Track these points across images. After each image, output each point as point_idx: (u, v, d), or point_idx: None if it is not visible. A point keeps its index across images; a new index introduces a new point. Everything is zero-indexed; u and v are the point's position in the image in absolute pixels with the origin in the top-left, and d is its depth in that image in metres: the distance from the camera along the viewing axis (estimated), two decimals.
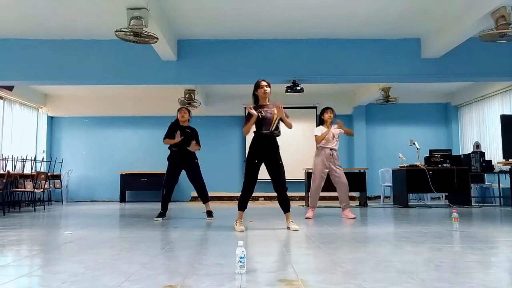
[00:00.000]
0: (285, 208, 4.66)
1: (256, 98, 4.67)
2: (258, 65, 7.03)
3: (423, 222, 5.22)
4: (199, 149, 5.75)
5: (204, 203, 5.84)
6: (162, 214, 5.70)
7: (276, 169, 4.51)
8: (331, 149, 5.88)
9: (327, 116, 5.90)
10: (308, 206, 8.28)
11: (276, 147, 4.59)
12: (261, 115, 4.48)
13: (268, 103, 4.65)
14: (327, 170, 5.93)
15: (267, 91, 4.60)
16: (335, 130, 5.92)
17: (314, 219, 5.71)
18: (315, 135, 5.90)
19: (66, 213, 7.25)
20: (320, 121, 6.03)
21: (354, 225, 5.05)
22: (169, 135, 5.70)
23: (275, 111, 4.52)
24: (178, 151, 5.64)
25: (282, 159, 4.57)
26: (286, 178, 4.63)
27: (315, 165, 5.96)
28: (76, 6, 5.73)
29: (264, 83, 4.65)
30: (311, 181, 6.02)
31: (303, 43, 7.06)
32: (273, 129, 4.52)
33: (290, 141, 10.70)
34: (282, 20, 6.30)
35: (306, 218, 5.70)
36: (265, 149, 4.51)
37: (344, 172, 8.50)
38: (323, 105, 10.94)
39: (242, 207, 4.60)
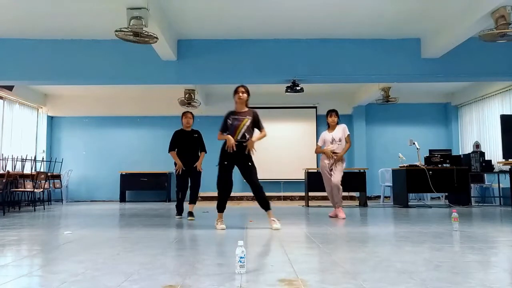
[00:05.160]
0: (265, 206, 4.61)
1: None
2: (258, 65, 7.03)
3: (423, 222, 5.22)
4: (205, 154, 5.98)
5: (191, 203, 5.85)
6: (180, 214, 5.90)
7: (246, 170, 4.55)
8: (333, 153, 5.88)
9: (330, 120, 5.95)
10: (307, 206, 8.30)
11: (244, 152, 4.55)
12: (228, 122, 4.56)
13: (244, 110, 4.66)
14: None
15: (241, 97, 4.60)
16: (337, 133, 5.91)
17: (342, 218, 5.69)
18: (317, 144, 6.24)
19: (66, 213, 7.25)
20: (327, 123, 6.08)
21: (354, 225, 5.05)
22: (175, 145, 5.84)
23: (245, 121, 4.55)
24: (184, 157, 5.81)
25: (253, 161, 4.61)
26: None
27: (321, 167, 6.05)
28: (76, 6, 5.72)
29: (241, 89, 4.64)
30: (324, 184, 6.04)
31: (303, 43, 7.06)
32: (239, 137, 4.52)
33: (290, 141, 10.73)
34: (282, 20, 6.30)
35: (343, 218, 5.60)
36: (233, 154, 4.50)
37: (344, 172, 8.59)
38: (323, 105, 11.08)
39: (221, 208, 4.64)
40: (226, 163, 4.54)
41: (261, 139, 4.66)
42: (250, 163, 4.56)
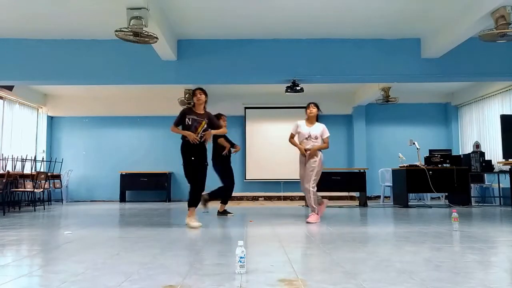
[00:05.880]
0: (193, 203, 4.89)
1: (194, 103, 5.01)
2: (258, 65, 7.02)
3: (423, 222, 5.22)
4: None
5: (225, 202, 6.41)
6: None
7: (200, 168, 4.85)
8: (306, 150, 5.39)
9: (308, 111, 5.51)
10: (307, 206, 8.29)
11: (202, 151, 4.88)
12: (188, 122, 4.82)
13: (201, 112, 4.95)
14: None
15: (199, 99, 4.91)
16: (315, 130, 5.44)
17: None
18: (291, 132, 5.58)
19: (66, 213, 7.25)
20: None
21: (354, 225, 5.05)
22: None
23: (203, 123, 4.84)
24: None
25: (207, 161, 4.95)
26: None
27: (299, 161, 5.55)
28: (76, 6, 5.72)
29: (198, 91, 4.96)
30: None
31: (303, 43, 7.06)
32: (198, 136, 4.79)
33: None
34: (282, 20, 6.30)
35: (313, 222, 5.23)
36: (193, 152, 4.82)
37: (344, 172, 8.61)
38: (323, 105, 10.91)
39: (195, 203, 4.88)
40: (193, 158, 4.80)
41: (219, 133, 5.07)
42: (206, 163, 4.92)
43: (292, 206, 8.55)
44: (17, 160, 8.28)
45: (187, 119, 4.82)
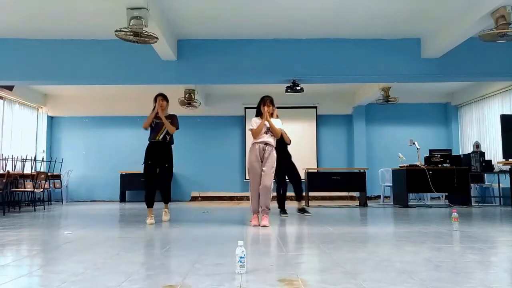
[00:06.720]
0: (165, 200, 5.54)
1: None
2: (258, 65, 7.02)
3: (423, 222, 5.22)
4: None
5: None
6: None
7: (164, 168, 5.32)
8: (265, 144, 4.98)
9: (265, 109, 5.12)
10: (307, 206, 8.28)
11: (166, 150, 5.31)
12: (152, 125, 5.28)
13: (165, 114, 5.29)
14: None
15: (161, 104, 5.28)
16: (268, 123, 5.06)
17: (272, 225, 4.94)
18: (250, 129, 5.12)
19: (66, 213, 7.25)
20: (258, 113, 5.25)
21: (354, 225, 5.05)
22: None
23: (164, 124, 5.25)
24: None
25: (172, 161, 5.39)
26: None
27: (248, 162, 5.08)
28: (76, 6, 5.72)
29: (159, 97, 5.36)
30: (250, 183, 5.08)
31: (303, 43, 7.06)
32: (160, 138, 5.25)
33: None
34: (282, 20, 6.30)
35: (253, 225, 4.83)
36: (155, 153, 5.25)
37: (344, 172, 8.61)
38: (323, 105, 11.10)
39: (149, 204, 5.29)
40: (150, 162, 5.23)
41: (169, 128, 5.27)
42: (167, 164, 5.31)
43: (292, 206, 8.55)
44: (17, 160, 8.28)
45: (151, 122, 5.30)
